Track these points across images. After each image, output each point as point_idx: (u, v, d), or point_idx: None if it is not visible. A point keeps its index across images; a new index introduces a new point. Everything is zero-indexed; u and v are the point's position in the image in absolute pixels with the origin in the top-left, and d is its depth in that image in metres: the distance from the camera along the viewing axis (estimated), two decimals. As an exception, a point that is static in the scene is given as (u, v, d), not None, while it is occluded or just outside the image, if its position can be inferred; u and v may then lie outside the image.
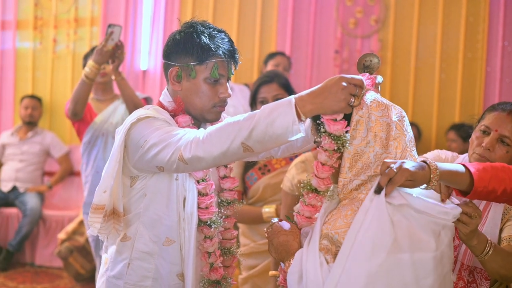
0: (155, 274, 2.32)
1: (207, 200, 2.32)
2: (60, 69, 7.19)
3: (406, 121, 2.07)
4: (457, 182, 2.02)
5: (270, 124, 1.92)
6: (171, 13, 6.78)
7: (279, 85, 3.50)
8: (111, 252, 2.38)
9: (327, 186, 2.07)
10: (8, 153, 6.72)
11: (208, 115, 2.33)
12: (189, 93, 2.30)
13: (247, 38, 6.63)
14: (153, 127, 2.16)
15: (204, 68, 2.27)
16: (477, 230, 2.13)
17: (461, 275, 2.41)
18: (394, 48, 6.40)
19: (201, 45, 2.25)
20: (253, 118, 1.96)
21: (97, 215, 2.28)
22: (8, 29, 7.30)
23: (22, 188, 6.56)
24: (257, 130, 1.94)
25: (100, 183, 2.27)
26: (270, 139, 1.95)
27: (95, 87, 4.69)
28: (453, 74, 6.28)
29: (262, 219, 3.41)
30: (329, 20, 6.51)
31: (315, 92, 1.92)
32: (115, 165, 2.23)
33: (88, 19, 7.09)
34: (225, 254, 2.49)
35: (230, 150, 1.99)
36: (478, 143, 2.48)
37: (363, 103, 1.99)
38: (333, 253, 1.97)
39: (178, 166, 2.09)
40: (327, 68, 6.50)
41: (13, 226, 6.46)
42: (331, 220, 2.02)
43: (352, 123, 2.00)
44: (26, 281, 5.84)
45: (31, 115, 6.76)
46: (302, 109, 1.91)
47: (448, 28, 6.27)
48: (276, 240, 2.13)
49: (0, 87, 7.34)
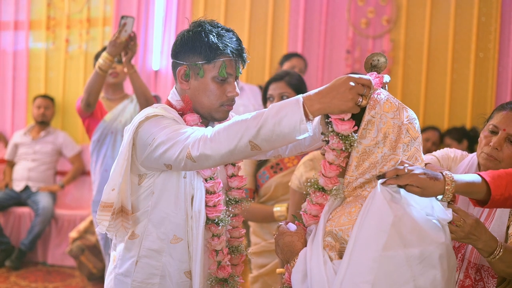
0: (162, 272, 2.34)
1: (215, 198, 2.33)
2: (72, 69, 7.23)
3: (417, 124, 2.07)
4: (474, 192, 2.02)
5: (278, 123, 1.93)
6: (183, 13, 6.79)
7: (287, 84, 3.49)
8: (119, 250, 2.40)
9: (334, 185, 2.08)
10: (21, 153, 6.75)
11: (216, 114, 2.35)
12: (197, 92, 2.32)
13: (258, 39, 6.63)
14: (161, 126, 2.18)
15: (212, 67, 2.28)
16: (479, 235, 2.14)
17: (468, 273, 2.41)
18: (405, 48, 6.38)
19: (209, 44, 2.27)
20: (261, 117, 1.97)
21: (105, 213, 2.30)
22: (21, 29, 7.34)
23: (35, 187, 6.59)
24: (265, 129, 1.95)
25: (108, 181, 2.28)
26: (277, 137, 1.96)
27: (106, 86, 4.72)
28: (465, 74, 6.26)
29: (274, 217, 3.41)
30: (341, 20, 6.50)
31: (323, 91, 1.93)
32: (123, 163, 2.24)
33: (101, 19, 7.12)
34: (233, 252, 2.50)
35: (238, 148, 2.00)
36: (486, 142, 2.47)
37: (376, 102, 2.00)
38: (337, 250, 1.98)
39: (186, 164, 2.10)
40: (338, 68, 6.49)
41: (25, 225, 6.49)
42: (335, 217, 2.03)
43: (363, 122, 2.01)
44: (38, 280, 5.86)
45: (43, 114, 6.80)
46: (310, 108, 1.92)
47: (460, 28, 6.25)
48: (281, 241, 2.15)
49: (13, 87, 7.38)
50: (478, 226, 2.14)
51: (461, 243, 2.41)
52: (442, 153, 2.70)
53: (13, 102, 7.39)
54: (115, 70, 4.63)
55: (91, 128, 4.69)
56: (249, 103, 5.15)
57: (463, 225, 2.06)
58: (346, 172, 2.06)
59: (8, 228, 6.50)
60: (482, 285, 2.40)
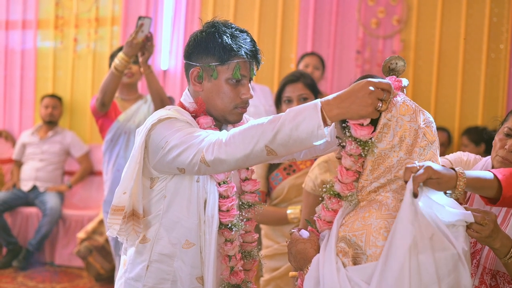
0: (174, 277, 2.30)
1: (228, 203, 2.29)
2: (80, 69, 7.21)
3: (434, 127, 2.04)
4: (485, 189, 1.99)
5: (295, 127, 1.89)
6: (192, 13, 6.77)
7: (304, 85, 3.48)
8: (130, 254, 2.36)
9: (350, 191, 2.04)
10: (29, 153, 6.74)
11: (229, 116, 2.30)
12: (211, 94, 2.28)
13: (268, 39, 6.59)
14: (175, 128, 2.14)
15: (226, 69, 2.23)
16: (497, 234, 2.11)
17: (483, 279, 2.37)
18: (416, 49, 6.33)
19: (223, 45, 2.22)
20: (278, 121, 1.93)
21: (116, 216, 2.26)
22: (29, 29, 7.33)
23: (42, 187, 6.57)
24: (282, 133, 1.91)
25: (119, 184, 2.25)
26: (294, 143, 1.92)
27: (121, 86, 4.70)
28: (476, 75, 6.21)
29: (287, 220, 3.38)
30: (351, 21, 6.46)
31: (342, 96, 1.88)
32: (135, 166, 2.21)
33: (109, 19, 7.10)
34: (246, 257, 2.46)
35: (253, 153, 1.97)
36: (501, 145, 2.43)
37: (392, 105, 1.97)
38: (350, 256, 1.95)
39: (200, 168, 2.06)
40: (348, 69, 6.46)
41: (33, 225, 6.48)
42: (349, 222, 2.00)
43: (379, 126, 1.97)
44: (45, 280, 5.85)
45: (51, 114, 6.78)
46: (328, 113, 1.88)
47: (471, 28, 6.20)
48: (294, 248, 2.12)
49: (21, 86, 7.37)
50: (497, 223, 2.11)
51: (476, 249, 2.38)
52: (455, 156, 2.66)
53: (21, 102, 7.38)
54: (131, 71, 4.61)
55: (105, 128, 4.67)
56: (260, 103, 5.11)
57: (488, 223, 2.01)
58: (361, 176, 2.03)
59: (15, 228, 6.50)
60: (498, 291, 2.37)
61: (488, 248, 2.32)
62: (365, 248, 1.90)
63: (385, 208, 1.94)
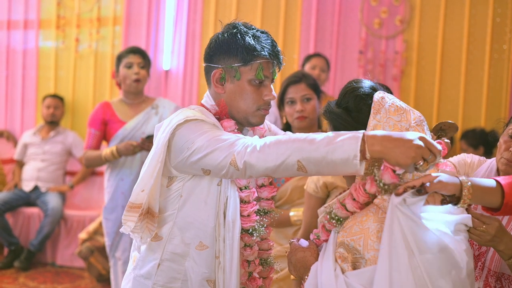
0: (184, 276, 2.28)
1: (250, 208, 2.28)
2: (82, 69, 7.20)
3: (426, 126, 2.02)
4: (489, 196, 1.95)
5: (332, 151, 1.85)
6: (194, 13, 6.76)
7: (307, 85, 3.47)
8: (142, 251, 2.35)
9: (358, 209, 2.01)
10: (30, 153, 6.73)
11: (252, 118, 2.30)
12: (233, 96, 2.27)
13: (270, 39, 6.57)
14: (201, 131, 2.12)
15: (249, 70, 2.23)
16: (501, 236, 2.11)
17: (488, 282, 2.36)
18: (419, 49, 6.32)
19: (245, 46, 2.22)
20: (315, 140, 1.90)
21: (132, 213, 2.25)
22: (31, 28, 7.32)
23: (44, 187, 6.56)
24: (317, 153, 1.88)
25: (138, 182, 2.25)
26: (327, 165, 1.88)
27: (127, 91, 4.63)
28: (479, 75, 6.19)
29: (290, 222, 3.37)
30: (354, 21, 6.45)
31: (390, 136, 1.81)
32: (156, 164, 2.20)
33: (111, 19, 7.09)
34: (263, 265, 2.45)
35: (284, 165, 1.95)
36: (506, 147, 2.41)
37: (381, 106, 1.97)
38: (350, 261, 1.93)
39: (228, 171, 2.05)
40: (351, 69, 6.45)
41: (34, 225, 6.47)
42: (347, 227, 1.98)
43: (369, 127, 1.96)
44: (47, 281, 5.83)
45: (53, 114, 6.77)
46: (370, 147, 1.81)
47: (474, 28, 6.18)
48: (294, 257, 2.12)
49: (23, 86, 7.36)
50: (501, 227, 2.11)
51: (480, 251, 2.37)
52: (458, 158, 2.64)
53: (22, 102, 7.38)
54: (138, 77, 4.55)
55: (112, 133, 4.60)
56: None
57: (487, 229, 2.01)
58: (356, 178, 2.03)
59: (17, 228, 6.49)
60: (503, 293, 2.36)
61: (493, 250, 2.32)
62: (363, 252, 1.89)
63: (382, 212, 1.92)
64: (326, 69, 5.62)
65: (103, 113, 4.62)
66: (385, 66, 6.35)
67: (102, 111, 4.63)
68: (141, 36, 6.88)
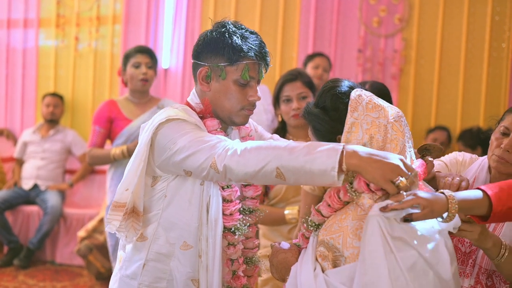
0: (170, 276, 2.30)
1: (232, 207, 2.29)
2: (82, 67, 7.21)
3: (404, 121, 2.04)
4: (477, 208, 1.98)
5: (311, 161, 1.87)
6: (193, 12, 6.77)
7: (303, 83, 3.48)
8: (127, 251, 2.37)
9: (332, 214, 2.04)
10: (30, 151, 6.75)
11: (236, 118, 2.30)
12: (218, 95, 2.27)
13: (269, 38, 6.57)
14: (184, 131, 2.13)
15: (235, 70, 2.23)
16: (487, 234, 2.13)
17: (479, 279, 2.38)
18: (418, 47, 6.32)
19: (232, 45, 2.22)
20: (296, 149, 1.91)
21: (117, 212, 2.27)
22: (31, 27, 7.33)
23: (43, 186, 6.58)
24: (296, 162, 1.90)
25: (122, 181, 2.26)
26: (305, 174, 1.90)
27: (133, 89, 4.64)
28: (478, 73, 6.19)
29: (285, 220, 3.38)
30: (353, 19, 6.45)
31: (369, 152, 1.84)
32: (139, 163, 2.21)
33: (110, 17, 7.10)
34: (248, 263, 2.46)
35: (263, 171, 1.96)
36: (498, 144, 2.43)
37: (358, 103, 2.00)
38: (330, 260, 1.95)
39: (209, 173, 2.05)
40: (350, 68, 6.44)
41: (34, 224, 6.48)
42: (327, 226, 2.00)
43: (347, 125, 1.99)
44: (46, 279, 5.84)
45: (52, 113, 6.79)
46: (347, 159, 1.84)
47: (473, 27, 6.18)
48: (275, 259, 2.15)
49: (23, 84, 7.37)
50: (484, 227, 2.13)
51: (472, 249, 2.39)
52: (450, 157, 2.66)
53: (22, 100, 7.39)
54: (146, 77, 4.55)
55: (118, 130, 4.59)
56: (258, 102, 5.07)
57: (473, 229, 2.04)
58: None
59: (16, 226, 6.50)
60: (494, 290, 2.38)
61: (484, 247, 2.32)
62: (342, 250, 1.91)
63: (360, 209, 1.94)
64: (329, 69, 5.63)
65: (108, 110, 4.62)
66: (384, 65, 6.35)
67: (108, 109, 4.63)
68: (140, 35, 6.89)
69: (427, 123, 6.22)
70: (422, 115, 6.30)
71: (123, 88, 6.75)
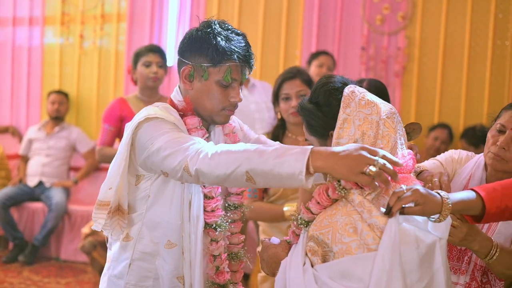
0: (155, 275, 2.32)
1: (213, 203, 2.30)
2: (87, 65, 7.25)
3: (397, 118, 2.05)
4: (470, 209, 2.00)
5: (279, 164, 1.87)
6: (197, 10, 6.78)
7: (302, 81, 3.49)
8: (114, 251, 2.39)
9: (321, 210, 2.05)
10: (35, 148, 6.79)
11: (216, 118, 2.31)
12: (200, 94, 2.28)
13: (272, 35, 6.59)
14: (162, 131, 2.14)
15: (217, 71, 2.23)
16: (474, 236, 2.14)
17: (474, 276, 2.38)
18: (421, 45, 6.32)
19: (216, 47, 2.21)
20: (265, 152, 1.92)
21: (101, 211, 2.29)
22: (36, 25, 7.38)
23: (48, 183, 6.62)
24: (265, 165, 1.90)
25: (105, 180, 2.28)
26: (273, 178, 1.91)
27: (143, 88, 4.63)
28: (481, 71, 6.18)
29: (284, 217, 3.38)
30: (356, 17, 6.45)
31: (333, 151, 1.84)
32: (121, 162, 2.23)
33: (115, 15, 7.13)
34: (233, 259, 2.47)
35: (234, 175, 1.96)
36: (494, 141, 2.43)
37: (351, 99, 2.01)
38: (320, 255, 1.96)
39: (182, 176, 2.06)
40: (353, 65, 6.45)
41: (38, 220, 6.53)
42: (317, 221, 2.01)
43: (339, 121, 2.00)
44: (50, 275, 5.89)
45: (57, 110, 6.82)
46: (313, 162, 1.85)
47: (477, 24, 6.17)
48: (266, 254, 2.16)
49: (28, 82, 7.42)
50: (473, 227, 2.14)
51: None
52: (445, 156, 2.66)
53: (27, 98, 7.44)
54: (157, 75, 4.56)
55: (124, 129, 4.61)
56: (261, 100, 5.11)
57: (460, 226, 2.04)
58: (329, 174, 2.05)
59: (21, 223, 6.55)
60: (489, 287, 2.38)
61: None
62: (331, 245, 1.92)
63: (350, 205, 1.95)
64: (333, 67, 5.63)
65: (120, 109, 4.60)
66: (387, 63, 6.35)
67: (119, 107, 4.61)
68: (144, 33, 6.91)
69: (430, 121, 6.21)
70: (425, 113, 6.30)
71: (128, 85, 6.79)
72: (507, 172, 2.41)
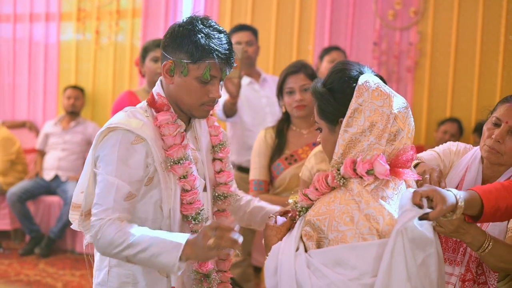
0: (134, 280, 2.33)
1: (188, 196, 2.31)
2: (102, 61, 7.34)
3: (409, 113, 2.06)
4: (473, 207, 2.03)
5: (155, 255, 2.04)
6: (211, 5, 6.82)
7: (306, 75, 3.52)
8: (96, 259, 2.43)
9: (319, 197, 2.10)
10: (51, 142, 6.89)
11: (195, 113, 2.34)
12: (180, 89, 2.30)
13: (285, 31, 6.61)
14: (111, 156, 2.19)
15: (197, 68, 2.25)
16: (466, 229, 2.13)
17: (469, 267, 2.40)
18: (433, 40, 6.30)
19: (196, 44, 2.23)
20: (145, 242, 2.06)
21: (75, 212, 2.39)
22: (52, 21, 7.48)
23: (64, 176, 6.71)
24: (143, 254, 2.06)
25: (78, 183, 2.35)
26: (153, 266, 2.12)
27: (151, 82, 4.60)
28: (494, 67, 6.14)
29: None
30: (368, 12, 6.44)
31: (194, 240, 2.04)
32: (88, 168, 2.30)
33: (130, 11, 7.19)
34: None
35: (120, 257, 2.14)
36: (489, 134, 2.46)
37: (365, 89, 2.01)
38: (315, 240, 1.98)
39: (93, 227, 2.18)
40: (365, 61, 6.38)
41: (54, 213, 6.63)
42: (315, 207, 2.04)
43: (350, 110, 2.00)
44: (66, 267, 5.98)
45: (73, 105, 6.91)
46: (183, 252, 2.02)
47: (489, 20, 6.13)
48: (264, 233, 2.19)
49: (45, 78, 7.53)
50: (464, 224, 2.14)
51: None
52: (443, 147, 2.68)
53: (44, 93, 7.55)
54: None
55: None
56: (272, 94, 5.12)
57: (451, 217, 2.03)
58: (332, 161, 2.08)
59: (38, 216, 6.65)
60: (484, 279, 2.39)
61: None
62: (327, 232, 1.94)
63: (349, 194, 1.97)
64: None
65: (129, 101, 4.53)
66: (399, 58, 6.35)
67: (129, 100, 4.58)
68: (159, 28, 6.97)
69: (442, 116, 6.19)
70: (437, 107, 6.28)
71: (142, 81, 6.84)
72: (502, 165, 2.44)
